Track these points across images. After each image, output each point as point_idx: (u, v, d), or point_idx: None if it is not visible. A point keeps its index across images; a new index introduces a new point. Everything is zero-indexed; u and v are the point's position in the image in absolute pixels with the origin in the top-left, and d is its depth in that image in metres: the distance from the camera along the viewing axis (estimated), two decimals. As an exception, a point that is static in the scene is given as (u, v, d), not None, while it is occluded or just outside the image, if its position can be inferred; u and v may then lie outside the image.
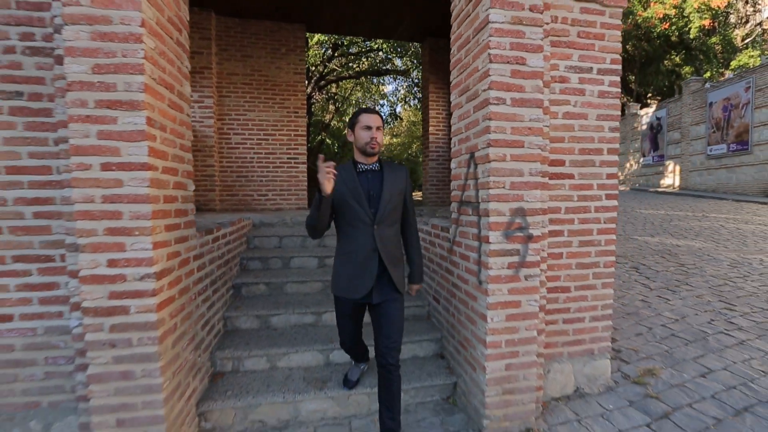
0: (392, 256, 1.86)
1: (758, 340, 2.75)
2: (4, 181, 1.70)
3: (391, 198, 1.83)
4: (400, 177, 1.89)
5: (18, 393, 1.80)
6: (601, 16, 2.26)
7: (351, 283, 1.84)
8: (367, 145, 1.79)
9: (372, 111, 1.84)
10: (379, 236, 1.81)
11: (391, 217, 1.85)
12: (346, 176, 1.80)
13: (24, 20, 1.68)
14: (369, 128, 1.79)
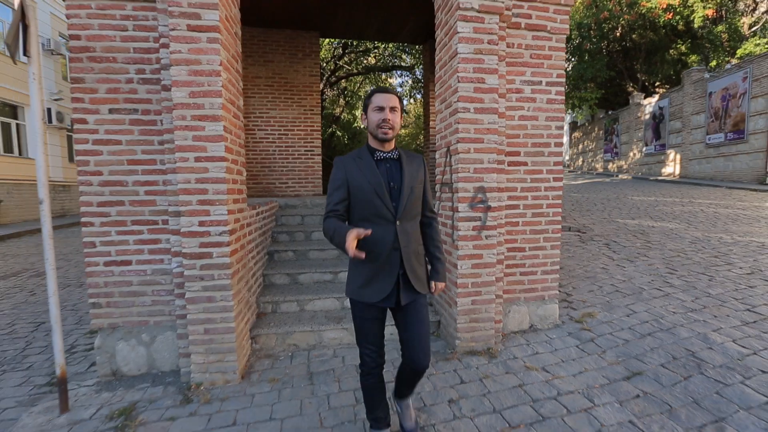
0: (415, 254, 1.69)
1: (682, 293, 3.46)
2: (126, 169, 2.52)
3: (413, 190, 1.65)
4: (418, 166, 1.71)
5: (134, 314, 2.65)
6: (549, 41, 2.96)
7: (370, 285, 1.63)
8: (378, 128, 1.58)
9: (386, 90, 1.62)
10: (402, 232, 1.63)
11: (412, 210, 1.67)
12: (363, 166, 1.61)
13: (138, 60, 2.47)
14: (381, 109, 1.58)
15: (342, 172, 1.62)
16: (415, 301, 1.71)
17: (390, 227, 1.62)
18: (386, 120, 1.57)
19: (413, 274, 1.67)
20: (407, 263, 1.65)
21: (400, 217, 1.63)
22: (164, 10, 2.33)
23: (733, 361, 2.37)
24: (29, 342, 3.39)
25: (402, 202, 1.62)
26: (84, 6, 2.39)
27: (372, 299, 1.63)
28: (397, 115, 1.61)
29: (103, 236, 2.54)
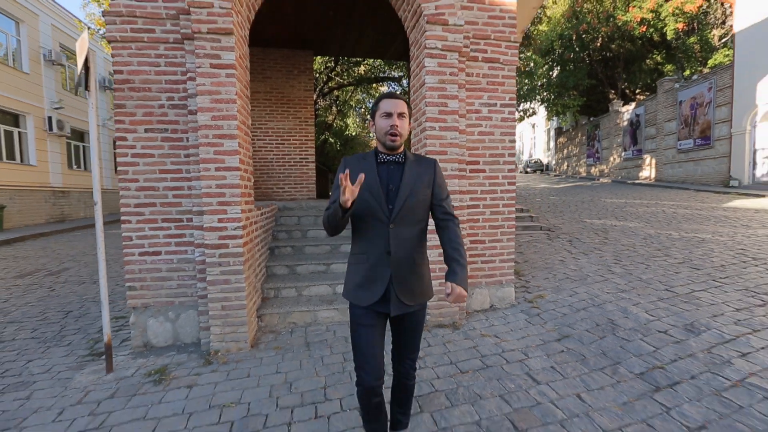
0: (409, 262, 1.59)
1: (619, 278, 4.13)
2: (158, 177, 3.11)
3: (413, 193, 1.57)
4: (427, 169, 1.64)
5: (163, 296, 3.23)
6: (502, 70, 3.63)
7: (364, 287, 1.59)
8: (386, 136, 1.55)
9: (394, 95, 1.59)
10: (395, 237, 1.56)
11: (411, 215, 1.58)
12: (365, 166, 1.59)
13: (168, 90, 3.08)
14: (389, 115, 1.55)
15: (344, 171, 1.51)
16: (411, 314, 1.64)
17: (383, 230, 1.56)
18: (394, 126, 1.53)
19: (402, 285, 1.57)
20: (397, 271, 1.56)
21: (395, 221, 1.55)
22: (191, 51, 2.94)
23: (640, 325, 3.03)
24: (63, 326, 3.93)
25: (398, 205, 1.55)
26: (126, 47, 3.00)
27: (365, 302, 1.58)
28: (405, 122, 1.58)
29: (139, 231, 3.13)
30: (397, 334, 1.71)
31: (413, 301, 1.62)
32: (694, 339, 2.75)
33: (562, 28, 19.08)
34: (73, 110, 15.38)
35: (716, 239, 5.60)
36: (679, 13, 16.01)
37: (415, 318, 1.68)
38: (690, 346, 2.67)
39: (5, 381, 2.79)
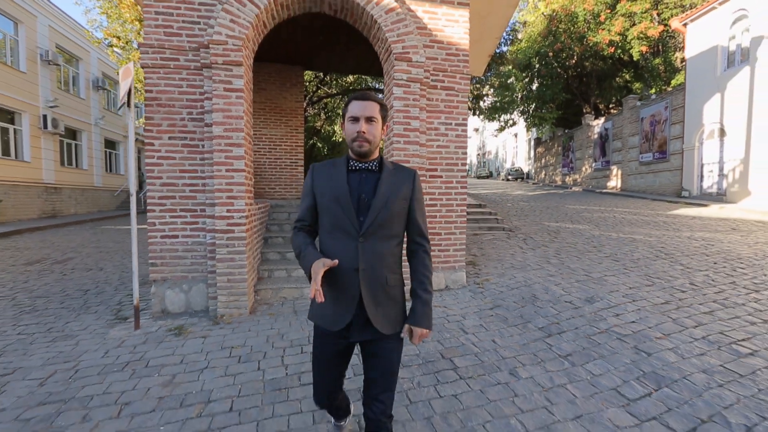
0: (380, 282, 1.41)
1: (552, 267, 5.05)
2: (178, 175, 3.88)
3: (387, 204, 1.40)
4: (404, 180, 1.47)
5: (179, 271, 3.99)
6: (456, 97, 4.53)
7: (329, 310, 1.42)
8: (353, 142, 1.40)
9: (364, 96, 1.42)
10: (365, 252, 1.38)
11: (384, 229, 1.41)
12: (334, 172, 1.45)
13: (188, 106, 3.86)
14: (356, 120, 1.40)
15: (310, 179, 1.47)
16: (383, 342, 1.42)
17: (351, 243, 1.38)
18: (360, 133, 1.37)
19: (374, 307, 1.38)
20: (366, 291, 1.37)
21: (365, 233, 1.38)
22: (209, 77, 3.75)
23: (554, 298, 3.93)
24: (85, 300, 4.63)
25: (371, 217, 1.37)
26: (156, 72, 3.78)
27: (330, 327, 1.41)
28: (375, 126, 1.40)
29: (161, 219, 3.89)
30: (368, 367, 1.46)
31: (387, 329, 1.40)
32: (588, 306, 3.67)
33: (539, 46, 20.36)
34: (66, 109, 15.80)
35: (645, 240, 6.62)
36: (643, 37, 17.42)
37: (389, 348, 1.43)
38: (583, 310, 3.58)
39: (53, 334, 3.51)
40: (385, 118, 1.49)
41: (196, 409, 2.29)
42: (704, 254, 5.46)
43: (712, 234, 7.00)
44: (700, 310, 3.47)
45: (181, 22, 3.81)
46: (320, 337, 1.49)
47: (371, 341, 1.44)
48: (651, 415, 2.12)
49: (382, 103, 1.47)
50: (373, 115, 1.41)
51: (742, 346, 2.78)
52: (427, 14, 4.37)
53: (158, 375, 2.72)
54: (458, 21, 4.45)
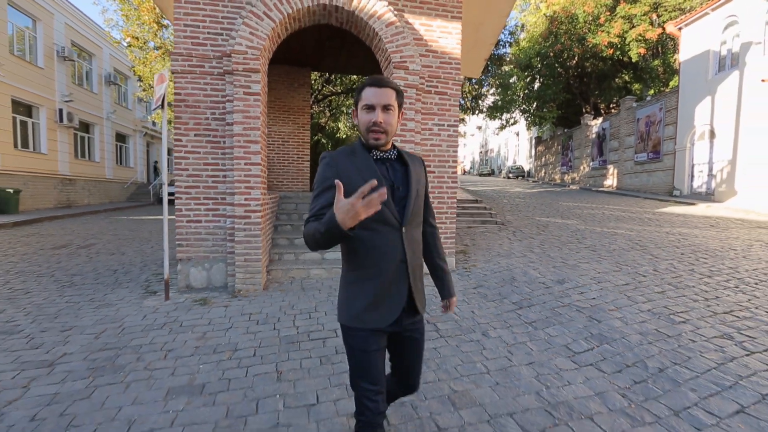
0: (419, 267, 1.45)
1: (534, 255, 5.59)
2: (202, 167, 4.44)
3: (418, 193, 1.41)
4: (421, 168, 1.49)
5: (201, 252, 4.55)
6: (449, 101, 5.05)
7: (374, 307, 1.35)
8: (368, 133, 1.31)
9: (380, 82, 1.31)
10: (409, 241, 1.37)
11: (417, 217, 1.43)
12: (360, 164, 1.33)
13: (212, 107, 4.41)
14: (371, 109, 1.30)
15: (332, 170, 1.34)
16: (416, 323, 1.46)
17: (396, 235, 1.35)
18: (377, 123, 1.29)
19: (417, 292, 1.42)
20: (413, 277, 1.39)
21: (407, 224, 1.36)
22: (230, 82, 4.29)
23: (530, 280, 4.48)
24: (116, 278, 5.20)
25: (409, 206, 1.36)
26: (184, 77, 4.33)
27: (379, 324, 1.35)
28: (392, 115, 1.33)
29: (187, 205, 4.45)
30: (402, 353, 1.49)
31: (423, 310, 1.46)
32: (558, 286, 4.21)
33: (540, 46, 20.75)
34: (80, 103, 16.39)
35: (626, 234, 7.14)
36: (642, 40, 17.79)
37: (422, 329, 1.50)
38: (553, 289, 4.13)
39: (96, 303, 4.09)
40: (401, 105, 1.39)
41: (226, 354, 2.86)
42: (675, 246, 5.98)
43: (690, 230, 7.51)
44: (654, 290, 4.00)
45: (206, 33, 4.35)
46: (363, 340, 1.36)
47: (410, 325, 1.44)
48: (589, 363, 2.66)
49: (399, 89, 1.36)
50: (390, 103, 1.31)
51: (678, 317, 3.31)
52: (423, 27, 4.89)
53: (191, 332, 3.29)
54: (451, 33, 4.96)
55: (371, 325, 1.35)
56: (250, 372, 2.61)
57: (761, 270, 4.61)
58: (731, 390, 2.27)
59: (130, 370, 2.64)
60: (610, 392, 2.31)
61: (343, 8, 4.50)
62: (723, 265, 4.90)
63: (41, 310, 3.82)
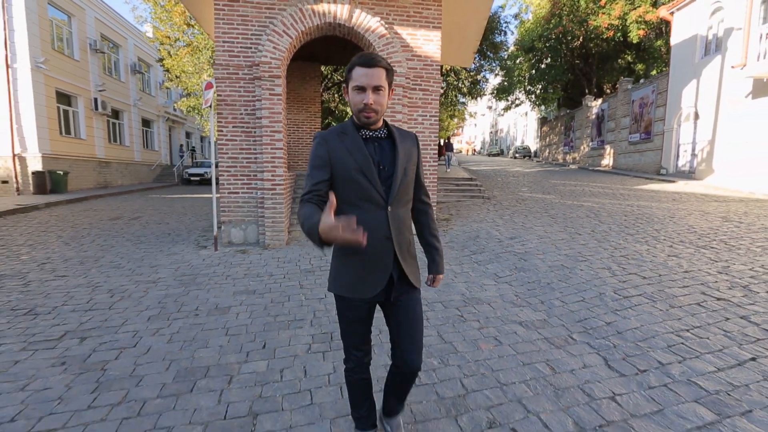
0: (407, 244, 1.50)
1: (501, 221, 6.87)
2: (238, 151, 5.82)
3: (406, 172, 1.44)
4: (411, 145, 1.49)
5: (239, 216, 5.99)
6: (431, 96, 6.27)
7: (360, 279, 1.44)
8: (360, 113, 1.34)
9: (370, 62, 1.31)
10: (394, 219, 1.42)
11: (405, 196, 1.47)
12: (349, 143, 1.38)
13: (246, 105, 5.75)
14: (362, 90, 1.32)
15: (323, 150, 1.39)
16: (408, 295, 1.52)
17: (381, 213, 1.40)
18: (368, 105, 1.31)
19: (407, 266, 1.47)
20: (400, 253, 1.44)
21: (392, 202, 1.41)
22: (259, 86, 5.60)
23: (490, 237, 5.79)
24: (172, 239, 6.69)
25: (395, 186, 1.40)
26: (224, 81, 5.65)
27: (365, 294, 1.44)
28: (382, 95, 1.34)
29: (227, 181, 5.86)
30: (399, 322, 1.53)
31: (417, 282, 1.53)
32: (508, 240, 5.53)
33: (542, 29, 21.27)
34: (111, 92, 17.89)
35: (590, 206, 8.33)
36: (642, 21, 18.24)
37: (416, 299, 1.55)
38: (503, 243, 5.44)
39: (165, 252, 5.58)
40: (391, 83, 1.40)
41: (265, 278, 4.30)
42: (624, 215, 7.19)
43: (650, 203, 8.64)
44: (579, 243, 5.29)
45: (239, 47, 5.65)
46: (350, 308, 1.49)
47: (401, 297, 1.50)
48: (505, 282, 4.01)
49: (389, 68, 1.37)
50: (380, 84, 1.32)
51: (584, 257, 4.61)
52: (410, 36, 6.08)
53: (239, 267, 4.74)
54: (432, 40, 6.14)
55: (357, 296, 1.45)
56: (282, 285, 4.05)
57: (679, 232, 5.82)
58: (584, 293, 3.59)
59: (206, 284, 4.10)
60: (508, 294, 3.67)
61: (344, 24, 5.72)
62: (651, 227, 6.11)
63: (130, 257, 5.33)
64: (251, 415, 2.01)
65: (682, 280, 3.79)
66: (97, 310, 3.42)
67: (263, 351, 2.69)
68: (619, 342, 2.70)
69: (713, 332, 2.77)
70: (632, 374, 2.33)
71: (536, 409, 2.04)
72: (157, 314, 3.33)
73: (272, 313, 3.33)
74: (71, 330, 3.03)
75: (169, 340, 2.86)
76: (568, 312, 3.23)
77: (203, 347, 2.74)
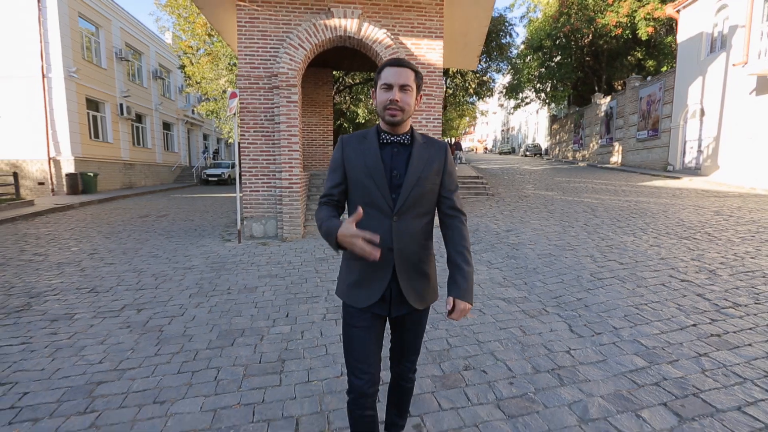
0: (414, 260, 1.38)
1: (501, 215, 7.34)
2: (259, 154, 6.44)
3: (419, 181, 1.33)
4: (436, 155, 1.39)
5: (260, 211, 6.61)
6: (433, 100, 6.78)
7: (360, 286, 1.38)
8: (385, 111, 1.30)
9: (399, 63, 1.30)
10: (398, 231, 1.33)
11: (418, 207, 1.36)
12: (366, 147, 1.36)
13: (265, 111, 6.37)
14: (389, 88, 1.29)
15: (339, 153, 1.40)
16: (412, 316, 1.44)
17: (385, 222, 1.33)
18: (394, 101, 1.27)
19: (408, 284, 1.37)
20: (401, 269, 1.35)
21: (399, 212, 1.33)
22: (277, 95, 6.21)
23: (488, 229, 6.28)
24: (199, 233, 7.37)
25: (404, 195, 1.32)
26: (246, 90, 6.28)
27: (360, 303, 1.37)
28: (409, 95, 1.31)
29: (250, 180, 6.49)
30: (397, 336, 1.51)
31: (419, 304, 1.40)
32: (504, 233, 6.01)
33: (550, 28, 21.47)
34: (135, 97, 18.86)
35: (590, 202, 8.72)
36: (650, 18, 18.32)
37: (419, 320, 1.47)
38: (500, 235, 5.93)
39: (195, 244, 6.24)
40: (420, 87, 1.37)
41: (285, 265, 4.89)
42: (619, 210, 7.57)
43: (650, 198, 8.98)
44: (570, 234, 5.74)
45: (259, 60, 6.27)
46: (350, 315, 1.41)
47: (403, 315, 1.42)
48: (496, 267, 4.51)
49: (417, 71, 1.34)
50: (408, 83, 1.29)
51: (570, 247, 5.07)
52: (414, 45, 6.60)
53: (262, 256, 5.35)
54: (435, 49, 6.66)
55: (355, 303, 1.38)
56: (300, 270, 4.64)
57: (668, 225, 6.21)
58: (564, 275, 4.08)
59: (234, 269, 4.72)
60: (497, 277, 4.17)
61: (354, 37, 6.28)
62: (642, 221, 6.51)
63: (165, 248, 6.01)
64: (280, 361, 2.59)
65: (656, 265, 4.24)
66: (146, 290, 4.06)
67: (286, 318, 3.27)
68: (585, 313, 3.20)
69: (668, 306, 3.24)
70: (589, 336, 2.83)
71: (504, 358, 2.56)
72: (196, 292, 3.95)
73: (292, 291, 3.92)
74: (128, 304, 3.66)
75: (209, 311, 3.47)
76: (546, 291, 3.72)
77: (237, 316, 3.34)
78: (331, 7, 6.20)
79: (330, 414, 2.04)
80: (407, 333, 1.49)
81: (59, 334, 3.02)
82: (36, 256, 5.50)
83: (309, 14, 6.28)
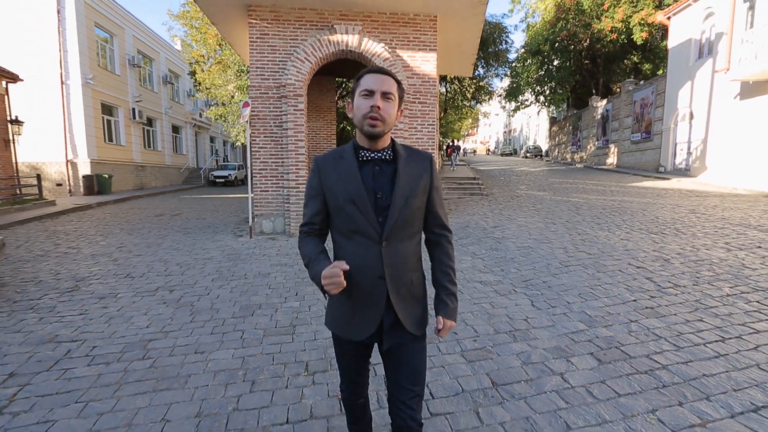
0: (408, 285, 1.29)
1: (491, 214, 7.93)
2: (269, 157, 7.09)
3: (408, 202, 1.22)
4: (421, 170, 1.27)
5: (269, 210, 7.25)
6: (428, 107, 7.40)
7: (349, 320, 1.29)
8: (364, 119, 1.16)
9: (380, 70, 1.20)
10: (389, 257, 1.23)
11: (407, 228, 1.25)
12: (343, 168, 1.23)
13: (275, 118, 7.02)
14: (370, 94, 1.16)
15: (317, 179, 1.27)
16: (407, 345, 1.29)
17: (374, 249, 1.22)
18: (375, 108, 1.14)
19: (404, 312, 1.27)
20: (396, 297, 1.25)
21: (388, 237, 1.22)
22: (285, 103, 6.85)
23: (478, 226, 6.88)
24: (213, 230, 8.01)
25: (392, 218, 1.20)
26: (257, 100, 6.93)
27: (354, 337, 1.29)
28: (391, 105, 1.19)
29: (260, 181, 7.13)
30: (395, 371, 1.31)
31: (415, 329, 1.29)
32: (491, 229, 6.60)
33: (547, 32, 22.03)
34: (146, 102, 19.62)
35: (576, 201, 9.28)
36: (644, 24, 18.84)
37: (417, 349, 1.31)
38: (487, 230, 6.53)
39: (210, 240, 6.89)
40: (402, 99, 1.26)
41: (293, 256, 5.52)
42: (602, 209, 8.14)
43: (634, 198, 9.53)
44: (551, 229, 6.32)
45: (269, 72, 6.91)
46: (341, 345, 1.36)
47: (399, 345, 1.28)
48: (479, 258, 5.11)
49: (400, 82, 1.24)
50: (391, 91, 1.18)
51: (547, 239, 5.65)
52: (410, 57, 7.22)
53: (272, 249, 5.98)
54: (429, 60, 7.27)
55: (345, 336, 1.31)
56: (306, 260, 5.27)
57: (642, 222, 6.77)
58: (536, 263, 4.67)
59: (248, 260, 5.36)
60: (479, 265, 4.77)
61: (354, 50, 6.92)
62: (619, 218, 7.08)
63: (183, 242, 6.65)
64: (292, 326, 3.21)
65: (619, 255, 4.82)
66: (174, 275, 4.70)
67: (296, 297, 3.89)
68: (546, 292, 3.79)
69: (618, 287, 3.83)
70: (546, 309, 3.42)
71: (473, 324, 3.17)
72: (218, 277, 4.58)
73: (300, 276, 4.54)
74: (161, 286, 4.30)
75: (230, 291, 4.10)
76: (519, 276, 4.32)
77: (254, 295, 3.97)
78: (334, 23, 6.84)
79: (332, 360, 2.66)
80: (408, 367, 1.30)
81: (109, 308, 3.65)
82: (70, 249, 6.16)
83: (314, 30, 6.93)
